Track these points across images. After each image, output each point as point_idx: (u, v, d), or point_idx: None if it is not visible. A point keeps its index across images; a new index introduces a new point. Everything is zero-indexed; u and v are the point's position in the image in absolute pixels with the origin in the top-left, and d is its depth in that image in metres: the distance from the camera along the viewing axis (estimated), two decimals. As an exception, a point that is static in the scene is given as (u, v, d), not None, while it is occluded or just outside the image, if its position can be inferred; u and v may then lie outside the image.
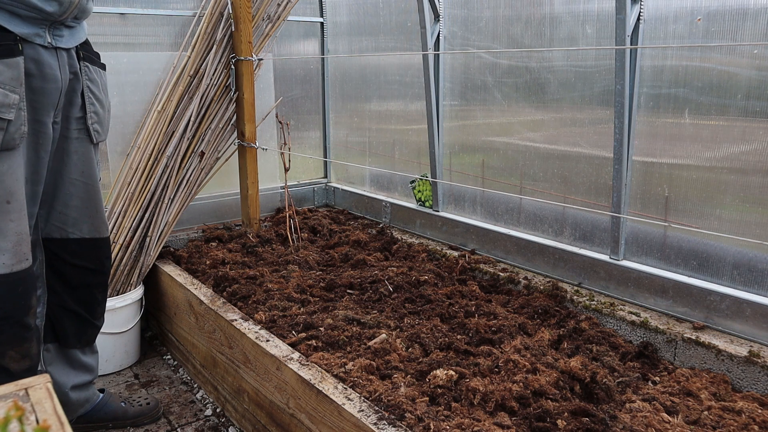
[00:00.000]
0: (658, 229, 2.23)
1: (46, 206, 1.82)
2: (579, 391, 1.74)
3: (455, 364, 1.82)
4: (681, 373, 1.85)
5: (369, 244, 3.02)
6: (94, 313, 1.99)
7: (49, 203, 1.83)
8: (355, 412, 1.52)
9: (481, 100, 2.85)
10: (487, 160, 2.87)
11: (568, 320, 2.17)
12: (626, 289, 2.26)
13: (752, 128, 1.94)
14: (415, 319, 2.18)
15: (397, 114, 3.39)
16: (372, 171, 3.62)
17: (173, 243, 3.10)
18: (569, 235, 2.53)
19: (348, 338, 1.99)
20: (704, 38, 2.02)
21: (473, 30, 2.82)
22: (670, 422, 1.57)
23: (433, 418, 1.52)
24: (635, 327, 2.09)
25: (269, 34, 3.17)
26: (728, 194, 2.03)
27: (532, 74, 2.60)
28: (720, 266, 2.06)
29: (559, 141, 2.54)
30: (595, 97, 2.38)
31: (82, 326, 1.97)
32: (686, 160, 2.13)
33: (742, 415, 1.60)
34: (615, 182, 2.27)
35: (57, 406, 0.76)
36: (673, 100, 2.13)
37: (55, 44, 1.65)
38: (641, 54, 2.18)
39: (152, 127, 2.83)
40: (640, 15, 2.13)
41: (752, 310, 1.91)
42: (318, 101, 3.84)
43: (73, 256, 1.89)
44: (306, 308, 2.25)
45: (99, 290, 1.99)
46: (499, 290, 2.50)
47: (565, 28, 2.44)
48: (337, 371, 1.75)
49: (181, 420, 2.24)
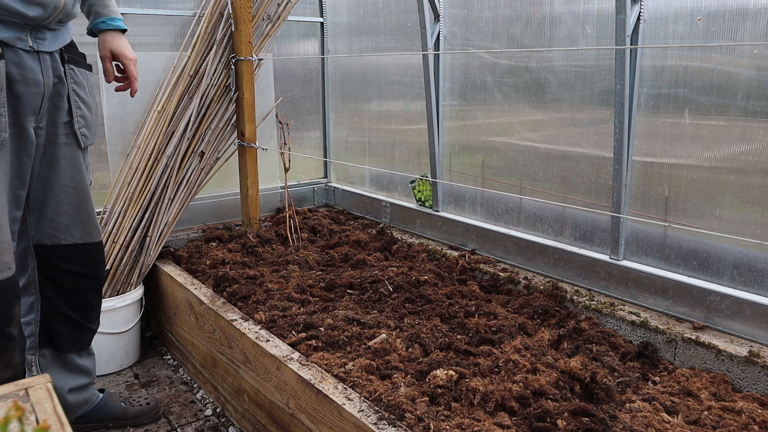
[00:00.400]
0: (658, 229, 2.23)
1: (36, 213, 1.80)
2: (579, 391, 1.74)
3: (455, 364, 1.82)
4: (681, 373, 1.85)
5: (369, 244, 3.02)
6: (89, 317, 1.98)
7: (39, 210, 1.80)
8: (355, 412, 1.52)
9: (481, 100, 2.85)
10: (487, 160, 2.87)
11: (568, 320, 2.17)
12: (626, 289, 2.26)
13: (752, 128, 1.94)
14: (415, 319, 2.18)
15: (397, 114, 3.39)
16: (372, 171, 3.62)
17: (173, 243, 3.10)
18: (569, 235, 2.53)
19: (348, 338, 1.99)
20: (704, 38, 2.02)
21: (473, 30, 2.82)
22: (670, 422, 1.57)
23: (433, 418, 1.52)
24: (635, 327, 2.09)
25: (269, 34, 3.17)
26: (728, 194, 2.03)
27: (532, 74, 2.60)
28: (720, 266, 2.06)
29: (559, 141, 2.54)
30: (595, 97, 2.38)
31: (76, 331, 1.95)
32: (686, 160, 2.13)
33: (742, 415, 1.60)
34: (615, 182, 2.27)
35: (57, 406, 0.76)
36: (673, 100, 2.13)
37: (38, 48, 1.62)
38: (641, 54, 2.18)
39: (152, 127, 2.83)
40: (640, 15, 2.13)
41: (752, 310, 1.91)
42: (318, 101, 3.84)
43: (66, 261, 1.87)
44: (306, 308, 2.25)
45: (93, 294, 1.98)
46: (499, 290, 2.50)
47: (565, 28, 2.44)
48: (337, 371, 1.75)
49: (180, 420, 2.24)
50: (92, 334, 2.03)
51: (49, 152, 1.77)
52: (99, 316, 2.04)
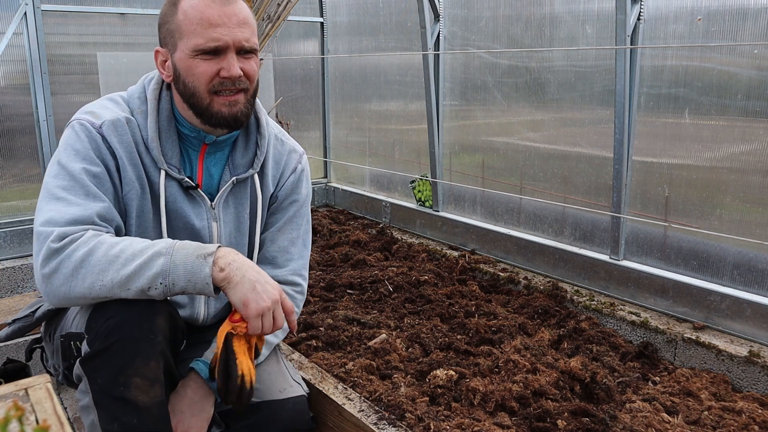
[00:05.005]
0: (658, 229, 2.23)
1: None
2: (579, 391, 1.74)
3: (455, 364, 1.82)
4: (681, 373, 1.85)
5: (369, 244, 3.02)
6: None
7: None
8: (356, 412, 1.52)
9: (481, 100, 2.85)
10: (487, 160, 2.87)
11: (568, 320, 2.17)
12: (626, 289, 2.26)
13: (752, 128, 1.94)
14: (415, 319, 2.18)
15: (397, 114, 3.39)
16: (372, 171, 3.62)
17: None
18: (569, 235, 2.53)
19: (348, 338, 1.99)
20: (704, 38, 2.02)
21: (473, 30, 2.82)
22: (670, 422, 1.57)
23: (433, 418, 1.52)
24: (635, 327, 2.09)
25: (269, 34, 3.17)
26: (728, 194, 2.02)
27: (532, 74, 2.60)
28: (720, 266, 2.06)
29: (559, 141, 2.54)
30: (595, 97, 2.37)
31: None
32: (686, 160, 2.13)
33: (742, 415, 1.60)
34: (615, 182, 2.27)
35: (57, 406, 0.76)
36: (673, 100, 2.13)
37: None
38: (641, 54, 2.18)
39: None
40: (640, 15, 2.13)
41: (752, 310, 1.91)
42: (318, 101, 3.84)
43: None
44: (306, 308, 2.25)
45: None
46: (499, 290, 2.50)
47: (565, 28, 2.44)
48: (337, 371, 1.75)
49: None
50: None
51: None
52: None
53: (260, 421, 1.33)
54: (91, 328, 1.14)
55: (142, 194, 1.27)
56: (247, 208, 1.40)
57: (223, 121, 1.26)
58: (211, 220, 1.35)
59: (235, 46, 1.22)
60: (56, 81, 2.86)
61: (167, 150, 1.29)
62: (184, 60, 1.23)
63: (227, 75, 1.22)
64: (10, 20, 2.69)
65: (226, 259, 1.15)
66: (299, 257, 1.47)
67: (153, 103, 1.29)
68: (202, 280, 1.12)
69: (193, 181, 1.32)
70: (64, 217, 1.15)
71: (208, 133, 1.31)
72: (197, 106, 1.25)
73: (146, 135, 1.27)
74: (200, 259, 1.12)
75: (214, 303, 1.42)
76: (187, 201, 1.32)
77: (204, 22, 1.21)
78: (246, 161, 1.38)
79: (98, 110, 1.27)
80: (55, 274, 1.12)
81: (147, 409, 1.10)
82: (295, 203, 1.47)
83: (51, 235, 1.12)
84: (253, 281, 1.14)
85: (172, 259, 1.12)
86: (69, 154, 1.21)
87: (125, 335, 1.11)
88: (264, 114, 1.42)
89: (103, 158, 1.23)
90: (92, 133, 1.23)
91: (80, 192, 1.18)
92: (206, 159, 1.35)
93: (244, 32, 1.23)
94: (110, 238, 1.15)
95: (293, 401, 1.38)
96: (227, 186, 1.35)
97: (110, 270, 1.11)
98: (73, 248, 1.12)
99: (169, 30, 1.26)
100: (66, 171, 1.20)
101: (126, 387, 1.09)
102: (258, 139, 1.38)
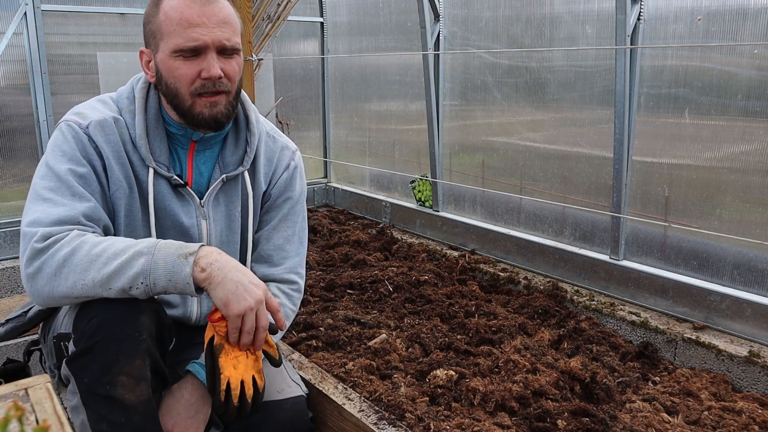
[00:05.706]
0: (658, 229, 2.23)
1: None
2: (579, 391, 1.74)
3: (455, 364, 1.82)
4: (681, 373, 1.85)
5: (369, 244, 3.02)
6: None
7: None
8: (356, 412, 1.52)
9: (481, 100, 2.85)
10: (487, 160, 2.87)
11: (568, 320, 2.17)
12: (626, 289, 2.26)
13: (752, 128, 1.94)
14: (415, 319, 2.18)
15: (397, 114, 3.39)
16: (372, 171, 3.62)
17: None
18: (569, 235, 2.53)
19: (348, 338, 1.99)
20: (704, 38, 2.02)
21: (473, 30, 2.82)
22: (670, 422, 1.57)
23: (433, 418, 1.52)
24: (635, 327, 2.09)
25: (269, 34, 3.16)
26: (728, 194, 2.02)
27: (532, 74, 2.60)
28: (720, 266, 2.06)
29: (559, 141, 2.54)
30: (595, 97, 2.37)
31: None
32: (686, 160, 2.13)
33: (742, 415, 1.60)
34: (615, 182, 2.27)
35: (57, 406, 0.76)
36: (673, 100, 2.13)
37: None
38: (641, 54, 2.18)
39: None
40: (640, 15, 2.13)
41: (752, 310, 1.91)
42: (318, 101, 3.84)
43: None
44: (306, 308, 2.25)
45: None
46: (499, 290, 2.50)
47: (565, 28, 2.44)
48: (337, 371, 1.75)
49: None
50: None
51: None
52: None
53: (259, 422, 1.32)
54: (76, 327, 1.14)
55: (130, 193, 1.27)
56: (238, 206, 1.39)
57: (204, 122, 1.25)
58: (200, 218, 1.34)
59: (216, 45, 1.21)
60: (56, 81, 2.85)
61: (155, 148, 1.29)
62: (165, 61, 1.23)
63: (207, 75, 1.21)
64: (10, 20, 2.69)
65: (208, 258, 1.13)
66: (295, 255, 1.46)
67: (141, 102, 1.28)
68: (183, 280, 1.11)
69: (183, 180, 1.31)
70: (50, 217, 1.14)
71: (194, 130, 1.31)
72: (179, 107, 1.25)
73: (134, 134, 1.27)
74: (181, 259, 1.11)
75: (207, 302, 1.41)
76: (176, 199, 1.32)
77: (183, 22, 1.20)
78: (236, 159, 1.37)
79: (86, 111, 1.27)
80: (38, 273, 1.12)
81: (134, 408, 1.09)
82: (289, 200, 1.46)
83: (35, 235, 1.12)
84: (235, 281, 1.13)
85: (153, 258, 1.11)
86: (56, 156, 1.21)
87: (108, 334, 1.10)
88: (254, 111, 1.41)
89: (89, 158, 1.22)
90: (78, 134, 1.23)
91: (66, 192, 1.18)
92: (196, 157, 1.35)
93: (224, 32, 1.22)
94: (94, 237, 1.15)
95: (292, 402, 1.38)
96: (217, 184, 1.34)
97: (92, 269, 1.10)
98: (56, 248, 1.11)
99: (152, 30, 1.26)
100: (53, 172, 1.19)
101: (112, 386, 1.08)
102: (248, 136, 1.38)
